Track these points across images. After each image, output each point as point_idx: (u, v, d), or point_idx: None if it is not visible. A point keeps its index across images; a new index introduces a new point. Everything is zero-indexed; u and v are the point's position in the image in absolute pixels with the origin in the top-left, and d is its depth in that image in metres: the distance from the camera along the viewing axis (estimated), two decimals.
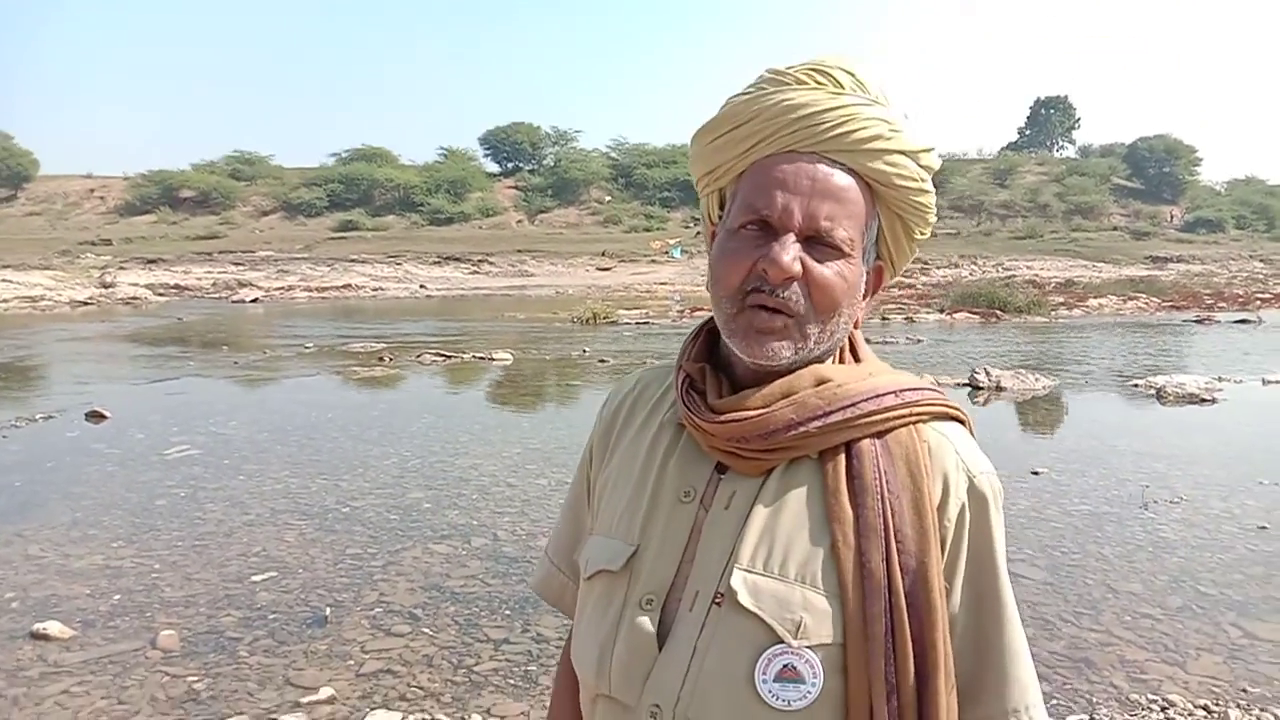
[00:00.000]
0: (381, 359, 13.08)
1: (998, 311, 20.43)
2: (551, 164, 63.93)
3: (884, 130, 0.95)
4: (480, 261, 40.48)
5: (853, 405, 0.95)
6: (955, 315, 20.34)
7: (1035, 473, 6.64)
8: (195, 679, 3.58)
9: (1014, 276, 32.87)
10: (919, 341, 15.33)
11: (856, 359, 1.04)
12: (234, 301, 26.53)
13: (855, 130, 0.94)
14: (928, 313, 20.84)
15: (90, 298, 25.63)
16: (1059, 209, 57.57)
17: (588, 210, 58.31)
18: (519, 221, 56.91)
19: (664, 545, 0.98)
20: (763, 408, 0.95)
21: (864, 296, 1.01)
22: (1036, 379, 10.65)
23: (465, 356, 13.23)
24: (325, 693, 3.47)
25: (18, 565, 4.77)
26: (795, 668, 0.88)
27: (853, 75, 0.97)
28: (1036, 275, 34.70)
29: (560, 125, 68.79)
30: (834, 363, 1.02)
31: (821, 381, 0.96)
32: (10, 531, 5.28)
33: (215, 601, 4.33)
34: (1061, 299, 24.22)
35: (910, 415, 0.97)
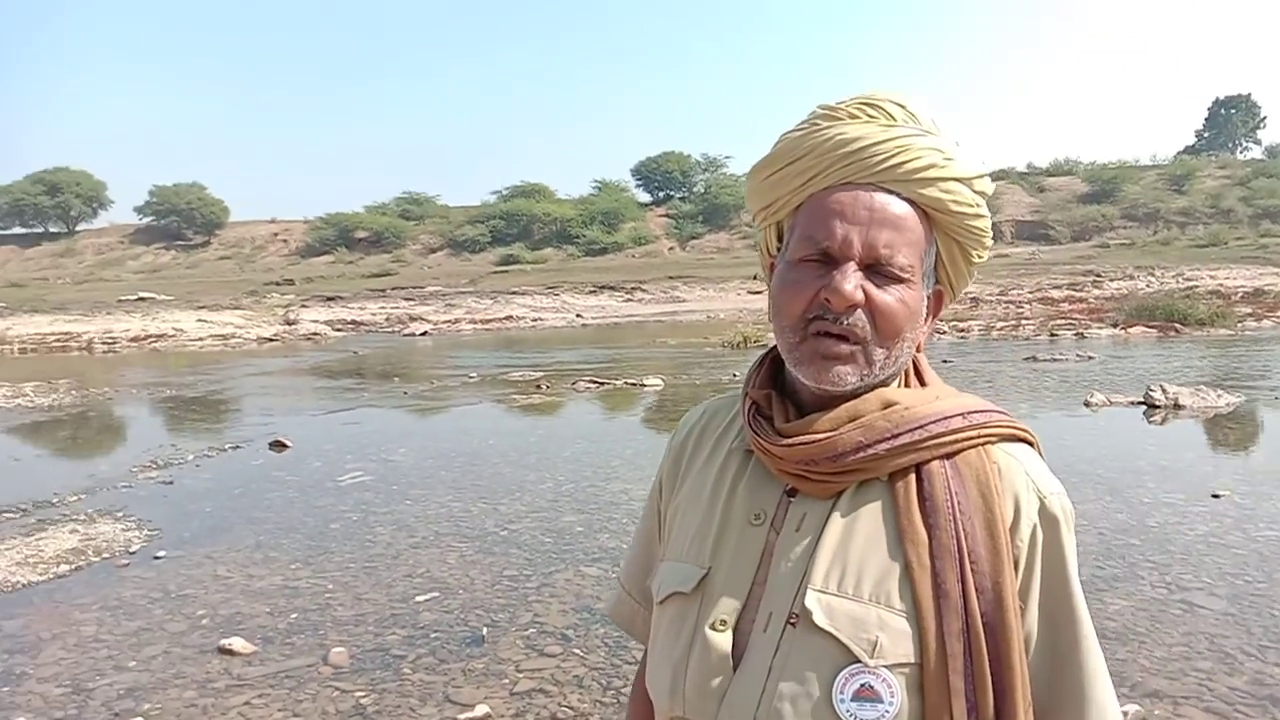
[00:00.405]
0: (539, 387, 13.45)
1: (1177, 325, 19.16)
2: (702, 190, 64.51)
3: (938, 159, 0.97)
4: (633, 289, 41.08)
5: (921, 428, 0.96)
6: (1130, 330, 19.22)
7: (1216, 496, 6.21)
8: (362, 694, 3.78)
9: (1195, 287, 30.75)
10: (1090, 358, 14.59)
11: (922, 382, 1.05)
12: (405, 335, 27.78)
13: (910, 160, 0.96)
14: (1100, 328, 19.76)
15: (275, 334, 27.42)
16: (1245, 213, 53.78)
17: (738, 234, 58.38)
18: (670, 249, 57.62)
19: (735, 567, 0.99)
20: (830, 430, 0.96)
21: (925, 320, 1.02)
22: (1219, 396, 9.96)
23: (617, 383, 13.45)
24: (481, 710, 3.61)
25: (208, 585, 5.17)
26: (873, 687, 0.89)
27: (904, 108, 0.99)
28: (1221, 285, 32.36)
29: (710, 152, 69.35)
30: (899, 386, 1.03)
31: (888, 405, 0.98)
32: (202, 554, 5.72)
33: (382, 620, 4.57)
34: (1250, 309, 22.53)
35: (979, 437, 0.97)
